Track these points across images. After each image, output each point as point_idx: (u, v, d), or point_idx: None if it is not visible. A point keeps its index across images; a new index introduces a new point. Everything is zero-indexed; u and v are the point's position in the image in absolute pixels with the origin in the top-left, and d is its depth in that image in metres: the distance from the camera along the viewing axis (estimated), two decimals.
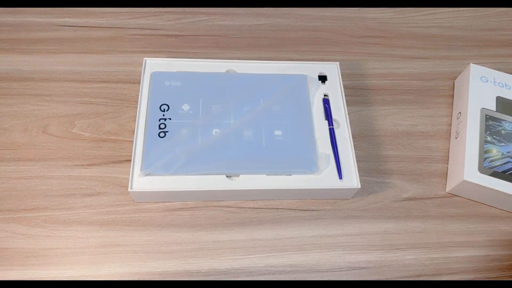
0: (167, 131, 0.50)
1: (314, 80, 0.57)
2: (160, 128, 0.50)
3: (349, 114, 0.56)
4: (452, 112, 0.62)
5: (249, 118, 0.52)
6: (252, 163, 0.49)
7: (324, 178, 0.50)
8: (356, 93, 0.62)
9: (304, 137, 0.52)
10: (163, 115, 0.51)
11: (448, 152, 0.58)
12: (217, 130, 0.51)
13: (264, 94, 0.54)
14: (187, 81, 0.54)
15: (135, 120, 0.51)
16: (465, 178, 0.51)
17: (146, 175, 0.48)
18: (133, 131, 0.52)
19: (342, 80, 0.58)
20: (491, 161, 0.53)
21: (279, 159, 0.50)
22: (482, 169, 0.52)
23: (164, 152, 0.49)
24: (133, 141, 0.50)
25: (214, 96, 0.54)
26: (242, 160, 0.49)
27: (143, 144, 0.49)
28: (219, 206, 0.51)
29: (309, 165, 0.50)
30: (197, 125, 0.51)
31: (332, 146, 0.52)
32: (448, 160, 0.58)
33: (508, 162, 0.53)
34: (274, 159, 0.50)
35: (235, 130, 0.51)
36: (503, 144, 0.54)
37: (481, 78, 0.60)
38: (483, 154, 0.53)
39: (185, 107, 0.52)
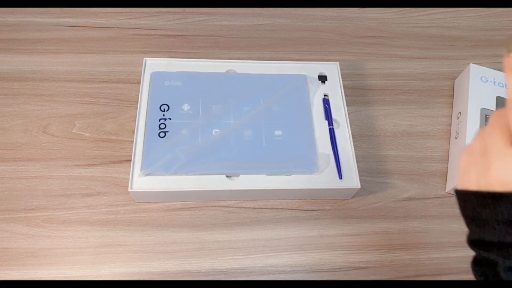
0: (167, 131, 0.50)
1: (314, 80, 0.57)
2: (160, 128, 0.50)
3: (349, 114, 0.56)
4: (452, 112, 0.62)
5: (249, 118, 0.52)
6: (252, 163, 0.49)
7: (324, 178, 0.50)
8: (356, 93, 0.62)
9: (304, 137, 0.52)
10: (163, 115, 0.51)
11: (448, 152, 0.58)
12: (217, 130, 0.51)
13: (264, 94, 0.54)
14: (187, 81, 0.54)
15: (135, 120, 0.51)
16: None
17: (146, 175, 0.48)
18: (133, 131, 0.52)
19: (342, 80, 0.58)
20: None
21: (279, 159, 0.50)
22: None
23: (164, 152, 0.49)
24: (133, 141, 0.50)
25: (214, 96, 0.54)
26: (242, 160, 0.49)
27: (143, 144, 0.49)
28: (219, 206, 0.51)
29: (309, 165, 0.50)
30: (197, 125, 0.51)
31: (332, 146, 0.52)
32: (448, 160, 0.58)
33: None
34: (274, 159, 0.50)
35: (235, 130, 0.51)
36: None
37: (481, 78, 0.60)
38: None
39: (185, 107, 0.52)
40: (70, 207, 0.49)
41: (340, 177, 0.50)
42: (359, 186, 0.50)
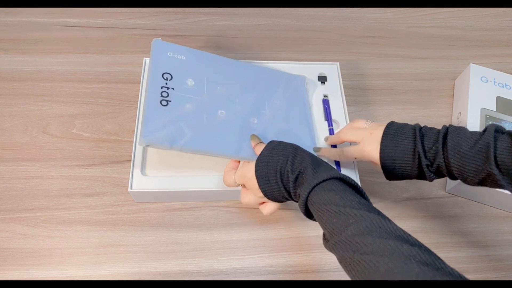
0: (170, 100, 0.47)
1: (314, 81, 0.57)
2: (162, 96, 0.47)
3: (349, 114, 0.56)
4: (452, 112, 0.62)
5: (254, 107, 0.51)
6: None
7: None
8: (356, 93, 0.62)
9: (304, 137, 0.52)
10: (166, 83, 0.48)
11: None
12: (223, 111, 0.49)
13: (266, 89, 0.54)
14: (191, 57, 0.52)
15: (135, 120, 0.51)
16: None
17: (147, 144, 0.44)
18: (133, 131, 0.52)
19: (342, 80, 0.58)
20: None
21: None
22: None
23: (167, 122, 0.45)
24: (133, 141, 0.50)
25: (219, 78, 0.52)
26: (245, 146, 0.47)
27: (144, 111, 0.46)
28: (219, 206, 0.51)
29: None
30: (202, 102, 0.49)
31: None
32: None
33: None
34: None
35: (241, 115, 0.50)
36: None
37: (481, 78, 0.60)
38: None
39: (189, 82, 0.50)
40: (70, 207, 0.49)
41: None
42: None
